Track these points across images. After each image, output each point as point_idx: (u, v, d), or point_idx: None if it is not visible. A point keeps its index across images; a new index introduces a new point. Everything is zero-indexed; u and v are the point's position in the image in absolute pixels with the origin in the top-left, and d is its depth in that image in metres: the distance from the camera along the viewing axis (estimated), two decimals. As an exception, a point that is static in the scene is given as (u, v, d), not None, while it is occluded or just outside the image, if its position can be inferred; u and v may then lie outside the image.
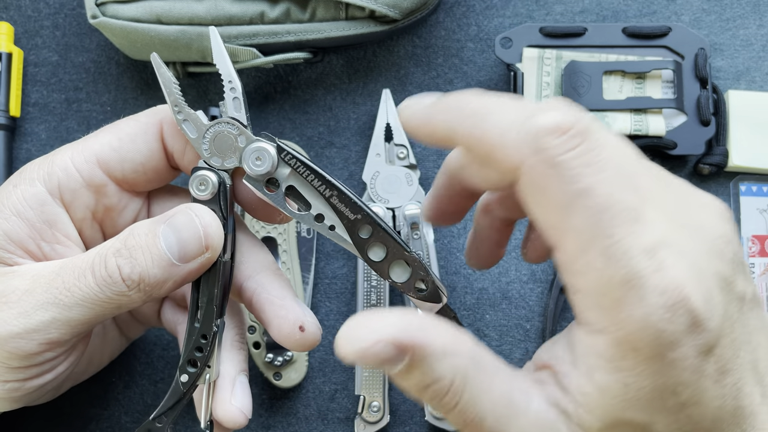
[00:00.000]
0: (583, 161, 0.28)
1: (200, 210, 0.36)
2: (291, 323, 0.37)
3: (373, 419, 0.50)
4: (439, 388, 0.29)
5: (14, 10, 0.56)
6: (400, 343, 0.29)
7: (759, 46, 0.54)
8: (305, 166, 0.36)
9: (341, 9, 0.51)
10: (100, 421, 0.51)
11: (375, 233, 0.36)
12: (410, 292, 0.36)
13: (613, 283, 0.28)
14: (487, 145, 0.30)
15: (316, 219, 0.36)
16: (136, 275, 0.35)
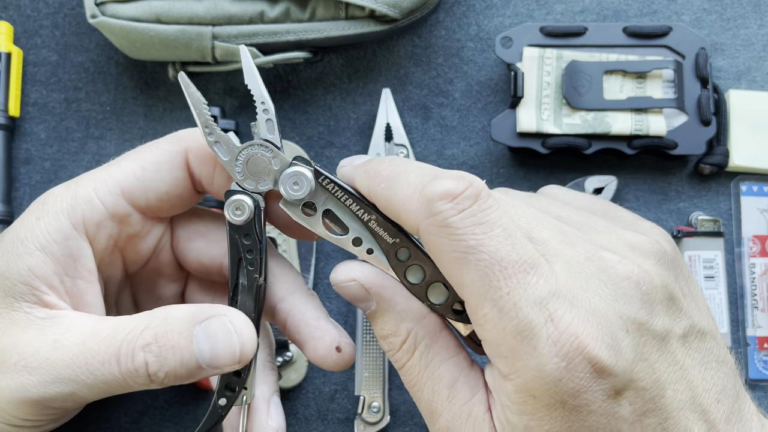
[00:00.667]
0: (471, 221, 0.31)
1: (237, 320, 0.36)
2: (327, 344, 0.38)
3: (373, 420, 0.50)
4: (393, 342, 0.35)
5: (13, 10, 0.56)
6: (369, 287, 0.35)
7: (760, 45, 0.54)
8: (343, 191, 0.36)
9: (341, 8, 0.50)
10: (99, 422, 0.51)
11: (413, 256, 0.36)
12: (448, 314, 0.36)
13: (507, 334, 0.30)
14: (394, 209, 0.34)
15: (353, 243, 0.36)
16: (162, 374, 0.35)
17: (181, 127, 0.54)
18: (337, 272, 0.36)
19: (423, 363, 0.35)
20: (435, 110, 0.54)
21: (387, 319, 0.35)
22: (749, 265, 0.52)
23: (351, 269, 0.35)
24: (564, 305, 0.30)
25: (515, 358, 0.30)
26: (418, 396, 0.35)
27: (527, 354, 0.30)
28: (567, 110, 0.51)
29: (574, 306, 0.31)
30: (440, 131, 0.54)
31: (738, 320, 0.52)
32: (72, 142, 0.54)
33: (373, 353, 0.50)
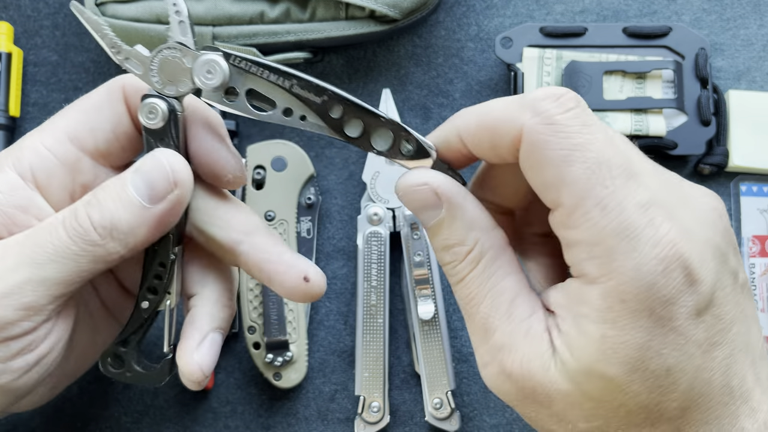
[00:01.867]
0: (578, 121, 0.31)
1: (166, 152, 0.36)
2: (294, 276, 0.37)
3: (373, 420, 0.50)
4: (458, 251, 0.34)
5: (14, 10, 0.56)
6: (441, 192, 0.34)
7: (759, 45, 0.54)
8: (257, 65, 0.35)
9: (341, 9, 0.50)
10: (99, 422, 0.51)
11: (346, 109, 0.35)
12: (399, 156, 0.35)
13: (607, 233, 0.30)
14: (491, 123, 0.33)
15: (284, 114, 0.35)
16: (107, 221, 0.35)
17: (181, 128, 0.55)
18: (407, 177, 0.34)
19: (486, 275, 0.34)
20: (435, 110, 0.54)
21: (456, 226, 0.34)
22: (749, 266, 0.52)
23: (422, 173, 0.34)
24: (663, 214, 0.30)
25: (612, 258, 0.30)
26: (474, 311, 0.34)
27: (626, 254, 0.30)
28: (567, 110, 0.51)
29: (672, 218, 0.30)
30: (440, 131, 0.54)
31: (738, 320, 0.52)
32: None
33: (373, 353, 0.50)
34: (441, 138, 0.35)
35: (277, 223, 0.52)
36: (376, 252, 0.51)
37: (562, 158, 0.31)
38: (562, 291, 0.33)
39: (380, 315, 0.50)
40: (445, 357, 0.50)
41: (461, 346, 0.52)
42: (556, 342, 0.32)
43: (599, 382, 0.31)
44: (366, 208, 0.52)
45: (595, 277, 0.30)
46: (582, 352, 0.31)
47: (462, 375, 0.52)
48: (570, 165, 0.30)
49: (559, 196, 0.31)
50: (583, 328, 0.31)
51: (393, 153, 0.35)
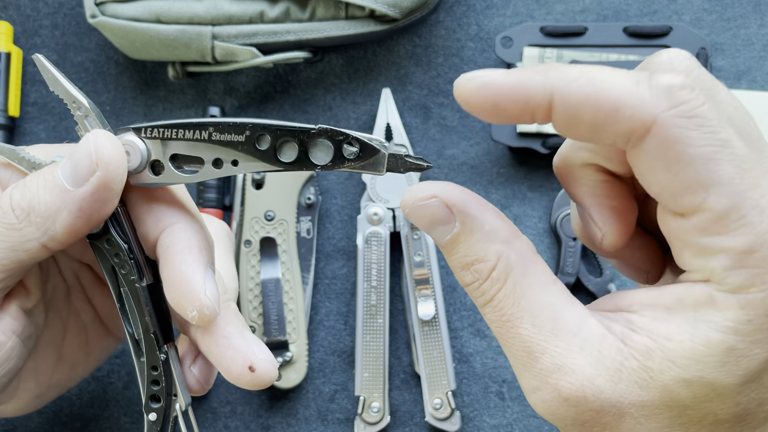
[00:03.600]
0: (718, 114, 0.27)
1: (97, 131, 0.33)
2: (239, 364, 0.34)
3: (373, 420, 0.50)
4: (480, 268, 0.30)
5: (13, 10, 0.55)
6: (453, 204, 0.30)
7: (760, 45, 0.54)
8: (168, 127, 0.33)
9: (341, 8, 0.50)
10: (99, 422, 0.51)
11: (273, 136, 0.32)
12: (348, 164, 0.32)
13: (766, 241, 0.26)
14: (609, 101, 0.27)
15: (215, 165, 0.33)
16: (25, 202, 0.33)
17: (180, 127, 0.54)
18: (413, 191, 0.30)
19: (518, 292, 0.29)
20: (435, 110, 0.54)
21: (473, 241, 0.30)
22: None
23: (428, 185, 0.30)
24: None
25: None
26: (512, 334, 0.30)
27: None
28: (567, 110, 0.51)
29: None
30: (440, 131, 0.54)
31: (738, 320, 0.51)
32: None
33: (373, 353, 0.50)
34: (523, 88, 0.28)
35: (277, 223, 0.51)
36: (376, 252, 0.51)
37: (709, 156, 0.26)
38: (668, 292, 0.29)
39: (380, 315, 0.50)
40: (445, 357, 0.50)
41: (461, 346, 0.52)
42: (637, 346, 0.28)
43: (702, 391, 0.28)
44: (366, 208, 0.51)
45: (741, 287, 0.27)
46: (692, 361, 0.27)
47: (462, 375, 0.52)
48: (718, 163, 0.26)
49: (704, 200, 0.27)
50: (703, 336, 0.27)
51: (338, 162, 0.32)
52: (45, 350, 0.40)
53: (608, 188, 0.32)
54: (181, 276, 0.33)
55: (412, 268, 0.50)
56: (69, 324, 0.41)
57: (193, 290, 0.33)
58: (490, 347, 0.52)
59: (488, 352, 0.52)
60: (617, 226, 0.32)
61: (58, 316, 0.40)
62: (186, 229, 0.35)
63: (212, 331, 0.35)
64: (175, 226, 0.35)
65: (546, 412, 0.30)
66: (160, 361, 0.35)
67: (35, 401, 0.40)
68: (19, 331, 0.36)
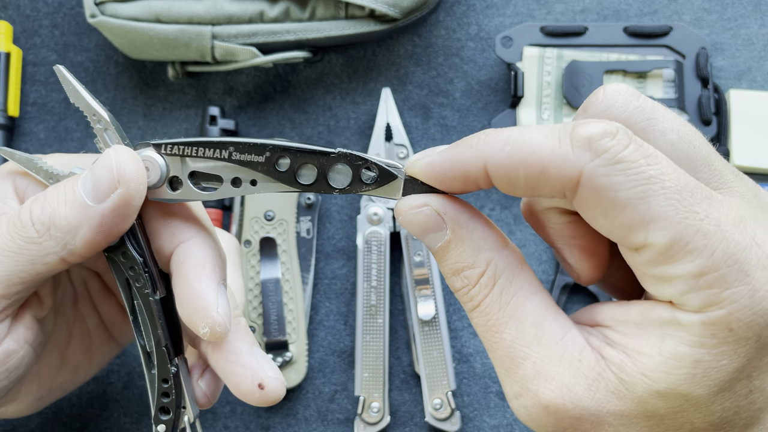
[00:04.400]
0: (641, 153, 0.28)
1: (118, 147, 0.34)
2: (249, 381, 0.35)
3: (372, 420, 0.50)
4: (470, 275, 0.31)
5: (13, 10, 0.55)
6: (444, 212, 0.31)
7: (760, 45, 0.54)
8: (189, 145, 0.34)
9: (341, 8, 0.50)
10: (99, 422, 0.51)
11: (293, 158, 0.33)
12: (364, 188, 0.33)
13: (714, 262, 0.27)
14: (536, 164, 0.29)
15: (234, 184, 0.33)
16: (46, 216, 0.33)
17: (180, 127, 0.54)
18: (406, 200, 0.32)
19: (504, 298, 0.31)
20: (435, 110, 0.54)
21: (463, 248, 0.31)
22: None
23: (421, 196, 0.31)
24: (757, 227, 0.28)
25: (723, 286, 0.27)
26: (497, 339, 0.31)
27: (738, 281, 0.27)
28: (567, 110, 0.51)
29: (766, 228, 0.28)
30: (440, 131, 0.54)
31: (738, 320, 0.51)
32: (71, 142, 0.54)
33: (373, 353, 0.50)
34: (459, 163, 0.31)
35: (277, 223, 0.51)
36: (376, 252, 0.51)
37: (640, 196, 0.28)
38: (635, 309, 0.30)
39: (380, 315, 0.50)
40: (445, 357, 0.50)
41: (461, 346, 0.52)
42: (613, 360, 0.29)
43: (675, 402, 0.29)
44: (366, 208, 0.51)
45: (700, 308, 0.28)
46: (663, 374, 0.28)
47: (462, 375, 0.52)
48: (651, 201, 0.27)
49: (646, 237, 0.28)
50: (671, 350, 0.28)
51: (356, 186, 0.33)
52: (49, 354, 0.40)
53: (574, 228, 0.33)
54: (195, 292, 0.34)
55: (412, 268, 0.50)
56: (74, 329, 0.41)
57: (205, 307, 0.34)
58: (490, 347, 0.52)
59: (488, 352, 0.52)
60: (589, 263, 0.33)
61: (64, 322, 0.41)
62: (200, 245, 0.35)
63: (222, 347, 0.35)
64: (190, 242, 0.35)
65: (527, 418, 0.30)
66: (171, 374, 0.36)
67: (36, 403, 0.41)
68: (32, 339, 0.37)
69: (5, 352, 0.35)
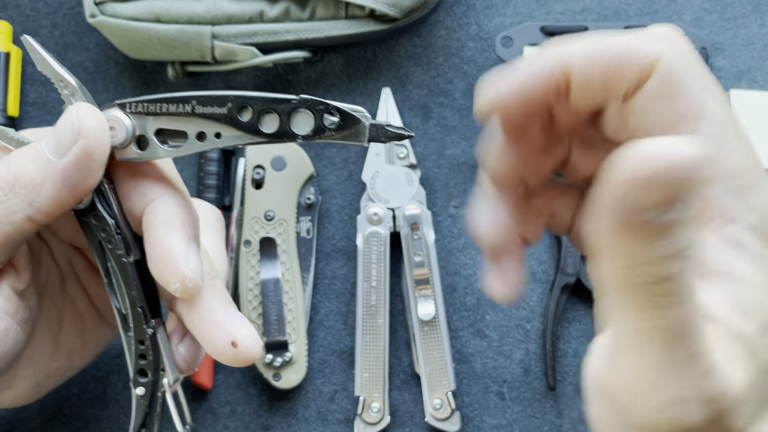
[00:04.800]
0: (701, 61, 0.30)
1: (79, 103, 0.34)
2: (222, 339, 0.34)
3: (372, 420, 0.50)
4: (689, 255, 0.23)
5: (12, 9, 0.55)
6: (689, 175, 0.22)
7: (760, 45, 0.54)
8: (152, 102, 0.34)
9: (341, 8, 0.50)
10: (99, 422, 0.51)
11: (254, 107, 0.33)
12: (329, 134, 0.32)
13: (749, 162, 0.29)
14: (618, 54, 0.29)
15: (198, 139, 0.33)
16: (10, 175, 0.33)
17: (180, 127, 0.54)
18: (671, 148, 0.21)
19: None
20: (435, 110, 0.54)
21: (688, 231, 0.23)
22: None
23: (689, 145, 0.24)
24: None
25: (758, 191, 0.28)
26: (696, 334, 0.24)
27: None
28: (567, 110, 0.51)
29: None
30: (440, 131, 0.54)
31: (738, 320, 0.51)
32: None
33: (373, 353, 0.50)
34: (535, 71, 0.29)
35: (277, 223, 0.51)
36: (376, 252, 0.51)
37: (703, 90, 0.29)
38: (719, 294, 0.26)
39: (380, 315, 0.50)
40: (445, 357, 0.50)
41: (461, 346, 0.52)
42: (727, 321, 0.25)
43: None
44: (366, 208, 0.51)
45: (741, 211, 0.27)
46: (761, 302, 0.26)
47: (462, 375, 0.52)
48: (709, 97, 0.29)
49: (696, 128, 0.28)
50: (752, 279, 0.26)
51: (319, 132, 0.32)
52: (42, 338, 0.40)
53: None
54: (164, 248, 0.34)
55: (412, 268, 0.50)
56: (64, 312, 0.41)
57: (175, 262, 0.33)
58: (490, 347, 0.52)
59: (488, 352, 0.52)
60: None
61: (53, 304, 0.40)
62: (170, 203, 0.35)
63: (197, 305, 0.35)
64: (159, 200, 0.35)
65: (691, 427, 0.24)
66: (147, 335, 0.35)
67: (33, 390, 0.40)
68: (12, 311, 0.36)
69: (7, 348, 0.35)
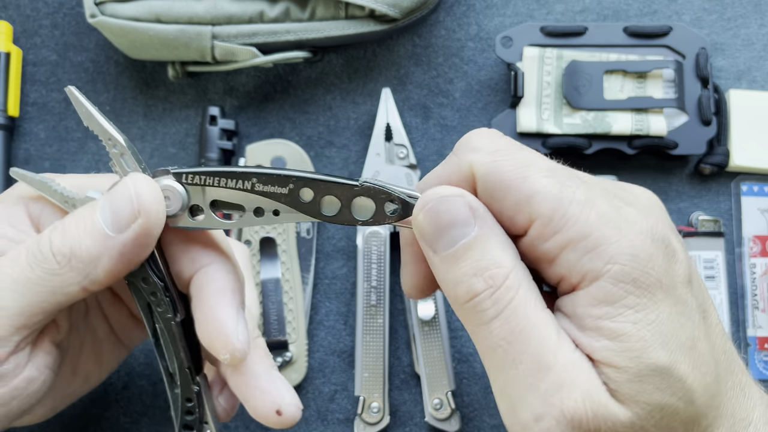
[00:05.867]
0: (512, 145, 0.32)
1: (136, 176, 0.34)
2: (268, 406, 0.36)
3: (372, 420, 0.50)
4: (495, 274, 0.30)
5: (13, 9, 0.55)
6: (476, 207, 0.31)
7: (760, 45, 0.54)
8: (210, 175, 0.33)
9: (341, 8, 0.50)
10: (99, 422, 0.51)
11: (316, 190, 0.33)
12: (387, 221, 0.33)
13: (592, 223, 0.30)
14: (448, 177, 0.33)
15: (256, 214, 0.33)
16: (66, 248, 0.33)
17: (180, 127, 0.54)
18: (437, 189, 0.31)
19: (530, 302, 0.30)
20: (435, 110, 0.54)
21: (491, 245, 0.30)
22: (750, 266, 0.52)
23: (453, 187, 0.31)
24: (620, 200, 0.31)
25: (607, 243, 0.29)
26: (523, 348, 0.29)
27: (617, 235, 0.29)
28: (567, 110, 0.51)
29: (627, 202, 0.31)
30: (440, 131, 0.54)
31: (738, 320, 0.51)
32: (71, 142, 0.54)
33: (373, 353, 0.50)
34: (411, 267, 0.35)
35: (277, 223, 0.51)
36: (376, 252, 0.51)
37: (522, 175, 0.30)
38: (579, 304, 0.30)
39: (380, 315, 0.50)
40: (445, 357, 0.50)
41: (461, 346, 0.52)
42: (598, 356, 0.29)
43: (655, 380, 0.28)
44: (366, 208, 0.51)
45: (600, 268, 0.29)
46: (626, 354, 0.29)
47: (462, 375, 0.52)
48: (531, 178, 0.30)
49: (531, 210, 0.30)
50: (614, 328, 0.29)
51: (381, 218, 0.33)
52: (63, 368, 0.40)
53: None
54: (215, 319, 0.34)
55: (412, 268, 0.50)
56: (86, 340, 0.41)
57: (226, 333, 0.34)
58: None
59: (488, 352, 0.52)
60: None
61: (77, 336, 0.41)
62: (220, 270, 0.35)
63: (242, 371, 0.36)
64: (209, 267, 0.35)
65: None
66: (194, 393, 0.36)
67: (50, 412, 0.41)
68: (51, 363, 0.37)
69: (27, 380, 0.35)
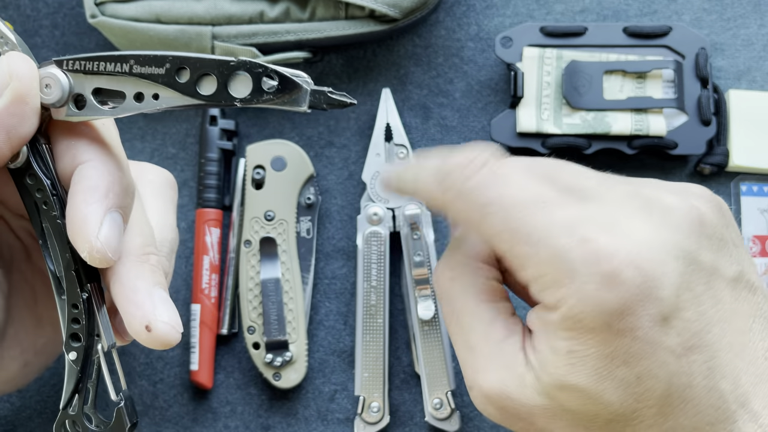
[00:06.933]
0: (482, 182, 0.33)
1: (12, 53, 0.33)
2: (138, 321, 0.33)
3: (372, 420, 0.50)
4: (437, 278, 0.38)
5: (13, 9, 0.55)
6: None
7: (760, 45, 0.54)
8: (89, 60, 0.33)
9: (341, 8, 0.50)
10: (99, 422, 0.51)
11: (193, 69, 0.32)
12: (267, 98, 0.32)
13: (543, 264, 0.31)
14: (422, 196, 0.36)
15: (136, 99, 0.33)
16: None
17: (180, 127, 0.54)
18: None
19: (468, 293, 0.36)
20: (435, 110, 0.54)
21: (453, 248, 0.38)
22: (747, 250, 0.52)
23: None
24: (597, 228, 0.31)
25: (558, 285, 0.31)
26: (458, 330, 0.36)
27: (568, 278, 0.30)
28: (567, 110, 0.51)
29: (612, 230, 0.31)
30: (440, 131, 0.54)
31: (738, 320, 0.51)
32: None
33: (373, 353, 0.50)
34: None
35: (277, 223, 0.51)
36: (376, 252, 0.51)
37: (480, 219, 0.33)
38: (535, 313, 0.34)
39: (380, 315, 0.50)
40: (445, 357, 0.50)
41: (461, 346, 0.52)
42: (531, 360, 0.33)
43: (572, 394, 0.31)
44: (366, 208, 0.51)
45: (553, 304, 0.32)
46: (553, 367, 0.32)
47: (462, 375, 0.52)
48: (487, 222, 0.33)
49: (499, 250, 0.34)
50: (554, 345, 0.32)
51: (257, 95, 0.32)
52: (20, 313, 0.39)
53: None
54: (78, 215, 0.33)
55: (412, 268, 0.50)
56: (36, 285, 0.40)
57: (86, 231, 0.32)
58: (489, 347, 0.52)
59: (488, 352, 0.52)
60: None
61: (23, 279, 0.40)
62: (98, 167, 0.34)
63: (121, 282, 0.34)
64: (87, 164, 0.34)
65: (479, 407, 0.35)
66: (82, 299, 0.34)
67: (24, 370, 0.40)
68: None
69: None
